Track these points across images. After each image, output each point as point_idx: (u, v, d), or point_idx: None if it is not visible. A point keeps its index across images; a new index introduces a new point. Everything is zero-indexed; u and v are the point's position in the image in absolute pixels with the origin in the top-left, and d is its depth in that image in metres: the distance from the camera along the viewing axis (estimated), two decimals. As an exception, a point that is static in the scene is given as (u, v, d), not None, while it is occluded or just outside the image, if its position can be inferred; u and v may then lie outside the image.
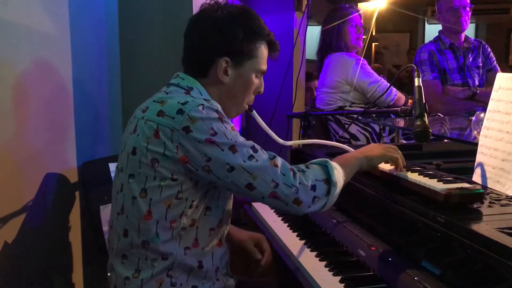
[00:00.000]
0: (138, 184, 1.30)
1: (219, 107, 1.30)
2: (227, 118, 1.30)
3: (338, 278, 1.36)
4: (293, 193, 1.26)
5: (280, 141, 1.59)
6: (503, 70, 3.75)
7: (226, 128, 1.27)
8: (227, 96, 1.40)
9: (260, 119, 1.56)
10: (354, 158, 1.44)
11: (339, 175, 1.33)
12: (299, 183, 1.27)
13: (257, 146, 1.30)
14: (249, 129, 3.58)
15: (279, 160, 1.30)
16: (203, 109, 1.26)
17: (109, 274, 1.43)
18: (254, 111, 1.54)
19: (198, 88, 1.39)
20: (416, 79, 1.52)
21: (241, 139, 1.28)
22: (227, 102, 1.34)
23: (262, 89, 1.50)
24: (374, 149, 1.47)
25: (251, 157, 1.26)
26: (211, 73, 1.40)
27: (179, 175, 1.27)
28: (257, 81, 1.46)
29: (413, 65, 1.56)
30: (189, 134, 1.23)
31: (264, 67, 1.45)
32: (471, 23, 7.73)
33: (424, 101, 1.50)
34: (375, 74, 2.99)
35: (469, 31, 7.57)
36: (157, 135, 1.26)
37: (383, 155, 1.44)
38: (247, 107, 1.49)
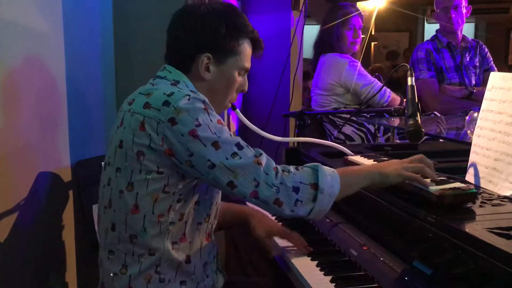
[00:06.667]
0: (125, 177, 1.29)
1: (206, 99, 1.28)
2: (214, 111, 1.28)
3: (329, 277, 1.35)
4: (273, 193, 1.23)
5: (274, 137, 1.58)
6: (502, 70, 3.74)
7: (211, 120, 1.25)
8: (209, 93, 1.37)
9: (244, 117, 1.53)
10: (364, 171, 1.35)
11: (331, 183, 1.27)
12: (280, 183, 1.23)
13: (242, 143, 1.27)
14: (245, 128, 3.57)
15: (264, 159, 1.26)
16: (189, 99, 1.24)
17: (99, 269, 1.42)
18: (237, 109, 1.52)
19: (185, 82, 1.38)
20: (409, 79, 1.52)
21: (226, 134, 1.25)
22: (210, 99, 1.31)
23: (246, 88, 1.47)
24: (391, 165, 1.34)
25: (234, 154, 1.23)
26: (193, 69, 1.39)
27: (165, 168, 1.26)
28: (240, 79, 1.44)
29: (406, 64, 1.56)
30: (174, 127, 1.22)
31: (247, 64, 1.43)
32: (470, 22, 7.73)
33: (417, 101, 1.50)
34: (369, 76, 2.99)
35: (469, 30, 7.56)
36: (143, 127, 1.25)
37: (399, 175, 1.30)
38: (230, 105, 1.47)
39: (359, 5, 3.25)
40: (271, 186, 1.23)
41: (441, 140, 2.35)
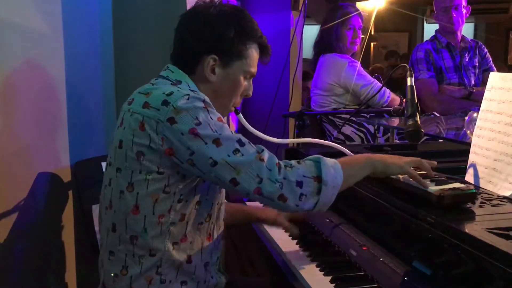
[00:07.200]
0: (125, 178, 1.28)
1: (206, 98, 1.27)
2: (214, 109, 1.28)
3: (329, 278, 1.35)
4: (277, 189, 1.21)
5: (274, 140, 1.58)
6: (502, 70, 3.75)
7: (211, 118, 1.24)
8: (213, 96, 1.36)
9: (246, 122, 1.52)
10: (365, 158, 1.36)
11: (334, 174, 1.27)
12: (284, 178, 1.22)
13: (244, 140, 1.26)
14: (245, 129, 3.57)
15: (266, 154, 1.25)
16: (188, 99, 1.23)
17: (99, 270, 1.42)
18: (240, 113, 1.51)
19: (187, 82, 1.37)
20: (408, 79, 1.52)
21: (227, 132, 1.25)
22: (213, 102, 1.31)
23: (250, 92, 1.47)
24: (392, 157, 1.38)
25: (236, 151, 1.22)
26: (198, 70, 1.38)
27: (165, 168, 1.26)
28: (245, 84, 1.43)
29: (405, 65, 1.56)
30: (173, 126, 1.21)
31: (253, 69, 1.43)
32: (469, 22, 7.72)
33: (416, 101, 1.50)
34: (368, 76, 2.98)
35: (468, 30, 7.54)
36: (143, 127, 1.24)
37: (401, 167, 1.33)
38: (233, 109, 1.47)
39: (359, 5, 3.25)
40: (274, 182, 1.22)
41: (440, 140, 2.35)
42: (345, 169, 1.30)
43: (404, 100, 1.66)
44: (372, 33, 4.40)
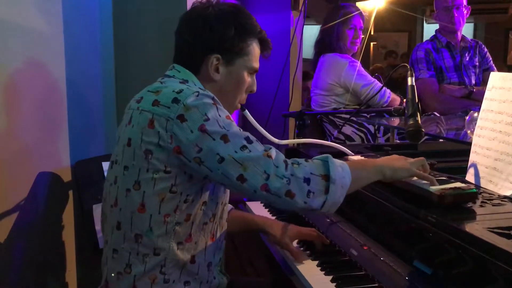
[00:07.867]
0: (132, 176, 1.28)
1: (215, 96, 1.28)
2: (222, 106, 1.28)
3: (330, 277, 1.36)
4: (284, 185, 1.20)
5: (275, 140, 1.58)
6: (502, 70, 3.75)
7: (220, 115, 1.24)
8: (219, 94, 1.37)
9: (253, 118, 1.54)
10: (373, 164, 1.34)
11: (342, 174, 1.25)
12: (291, 174, 1.21)
13: (252, 138, 1.26)
14: (245, 129, 3.56)
15: (274, 152, 1.25)
16: (197, 96, 1.24)
17: (102, 268, 1.42)
18: (246, 110, 1.52)
19: (193, 81, 1.39)
20: (409, 78, 1.52)
21: (235, 128, 1.25)
22: (219, 100, 1.31)
23: (254, 88, 1.48)
24: (397, 159, 1.37)
25: (243, 147, 1.22)
26: (202, 70, 1.40)
27: (173, 167, 1.26)
28: (249, 80, 1.45)
29: (406, 64, 1.56)
30: (183, 123, 1.22)
31: (256, 65, 1.44)
32: (469, 22, 7.73)
33: (417, 101, 1.50)
34: (369, 76, 2.99)
35: (468, 30, 7.56)
36: (152, 125, 1.24)
37: (408, 170, 1.33)
38: (239, 106, 1.48)
39: (359, 5, 3.26)
40: (281, 178, 1.21)
41: (441, 140, 2.35)
42: (353, 171, 1.29)
43: (404, 100, 1.67)
44: (372, 33, 4.40)
